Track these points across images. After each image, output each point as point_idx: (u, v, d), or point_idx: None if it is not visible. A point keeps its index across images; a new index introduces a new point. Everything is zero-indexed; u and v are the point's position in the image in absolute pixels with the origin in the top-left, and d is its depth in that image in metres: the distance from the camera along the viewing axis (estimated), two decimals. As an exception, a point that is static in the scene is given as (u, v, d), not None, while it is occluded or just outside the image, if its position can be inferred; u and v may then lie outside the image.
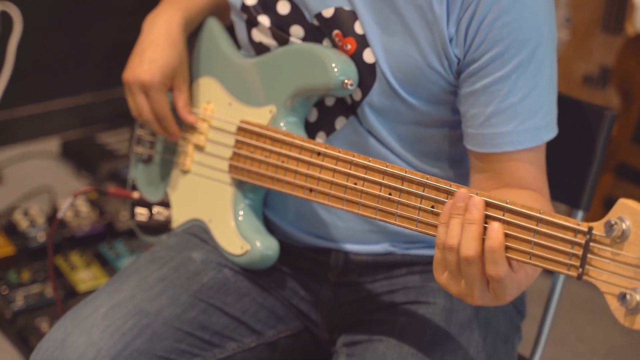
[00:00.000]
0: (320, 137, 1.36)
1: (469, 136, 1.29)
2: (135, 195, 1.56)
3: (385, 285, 1.41)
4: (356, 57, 1.29)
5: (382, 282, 1.41)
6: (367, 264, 1.41)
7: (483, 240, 1.06)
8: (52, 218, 2.50)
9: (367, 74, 1.29)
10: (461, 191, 1.08)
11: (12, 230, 2.44)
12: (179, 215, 1.49)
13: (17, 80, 2.91)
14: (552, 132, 1.28)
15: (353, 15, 1.29)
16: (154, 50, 1.42)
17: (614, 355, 2.40)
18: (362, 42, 1.28)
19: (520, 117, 1.25)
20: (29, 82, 3.01)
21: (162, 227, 1.52)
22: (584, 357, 2.39)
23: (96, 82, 3.21)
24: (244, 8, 1.39)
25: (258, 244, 1.36)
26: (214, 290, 1.38)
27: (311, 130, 1.37)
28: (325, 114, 1.36)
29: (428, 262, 1.41)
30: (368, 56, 1.28)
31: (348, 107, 1.33)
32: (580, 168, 1.42)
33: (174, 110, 1.45)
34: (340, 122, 1.34)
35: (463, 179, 1.39)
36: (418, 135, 1.34)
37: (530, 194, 1.27)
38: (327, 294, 1.43)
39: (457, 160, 1.39)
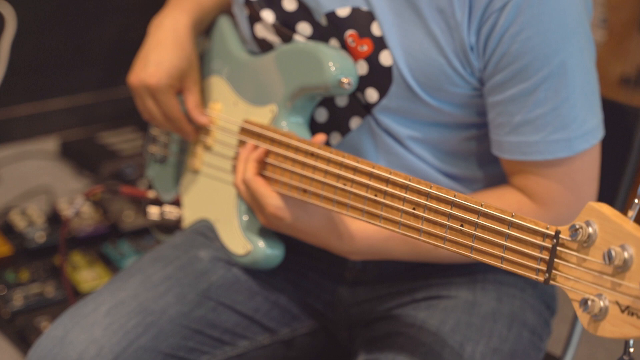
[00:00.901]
0: (335, 138, 1.34)
1: (496, 143, 1.27)
2: (150, 194, 1.57)
3: (406, 283, 1.38)
4: (372, 59, 1.27)
5: (404, 279, 1.39)
6: (387, 264, 1.37)
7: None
8: (52, 218, 2.48)
9: (383, 77, 1.26)
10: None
11: (8, 230, 2.42)
12: (189, 215, 1.49)
13: (15, 78, 2.88)
14: (590, 140, 1.24)
15: (370, 16, 1.26)
16: (160, 52, 1.39)
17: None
18: (380, 44, 1.26)
19: (550, 127, 1.21)
20: (27, 80, 2.98)
21: (174, 227, 1.52)
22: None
23: (96, 81, 3.17)
24: (247, 2, 1.36)
25: (261, 244, 1.35)
26: (223, 289, 1.37)
27: (323, 131, 1.34)
28: (337, 114, 1.33)
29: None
30: (385, 58, 1.26)
31: (363, 107, 1.31)
32: (616, 170, 1.40)
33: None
34: (355, 122, 1.32)
35: (489, 180, 1.36)
36: (441, 137, 1.31)
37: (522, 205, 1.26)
38: (344, 293, 1.41)
39: (483, 161, 1.35)
